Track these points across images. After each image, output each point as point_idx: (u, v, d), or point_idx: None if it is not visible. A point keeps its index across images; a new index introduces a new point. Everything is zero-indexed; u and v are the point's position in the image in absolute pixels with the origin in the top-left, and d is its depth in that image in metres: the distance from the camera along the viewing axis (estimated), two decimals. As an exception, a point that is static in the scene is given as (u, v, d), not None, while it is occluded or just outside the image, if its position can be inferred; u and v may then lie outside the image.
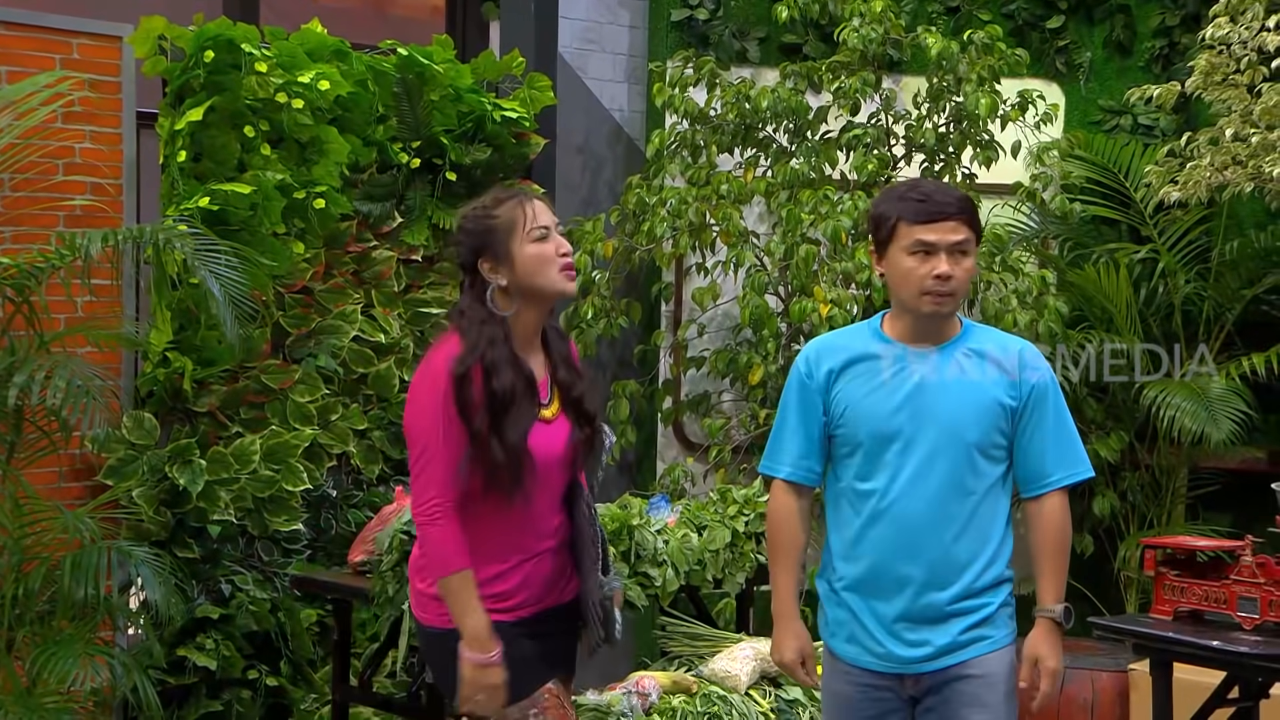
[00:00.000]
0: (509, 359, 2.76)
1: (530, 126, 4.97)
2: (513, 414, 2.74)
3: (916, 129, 5.30)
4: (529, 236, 2.77)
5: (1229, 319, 5.50)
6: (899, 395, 2.81)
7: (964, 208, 2.78)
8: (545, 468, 2.80)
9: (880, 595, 2.84)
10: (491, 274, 2.78)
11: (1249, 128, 4.91)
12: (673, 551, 4.31)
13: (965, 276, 2.78)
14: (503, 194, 2.84)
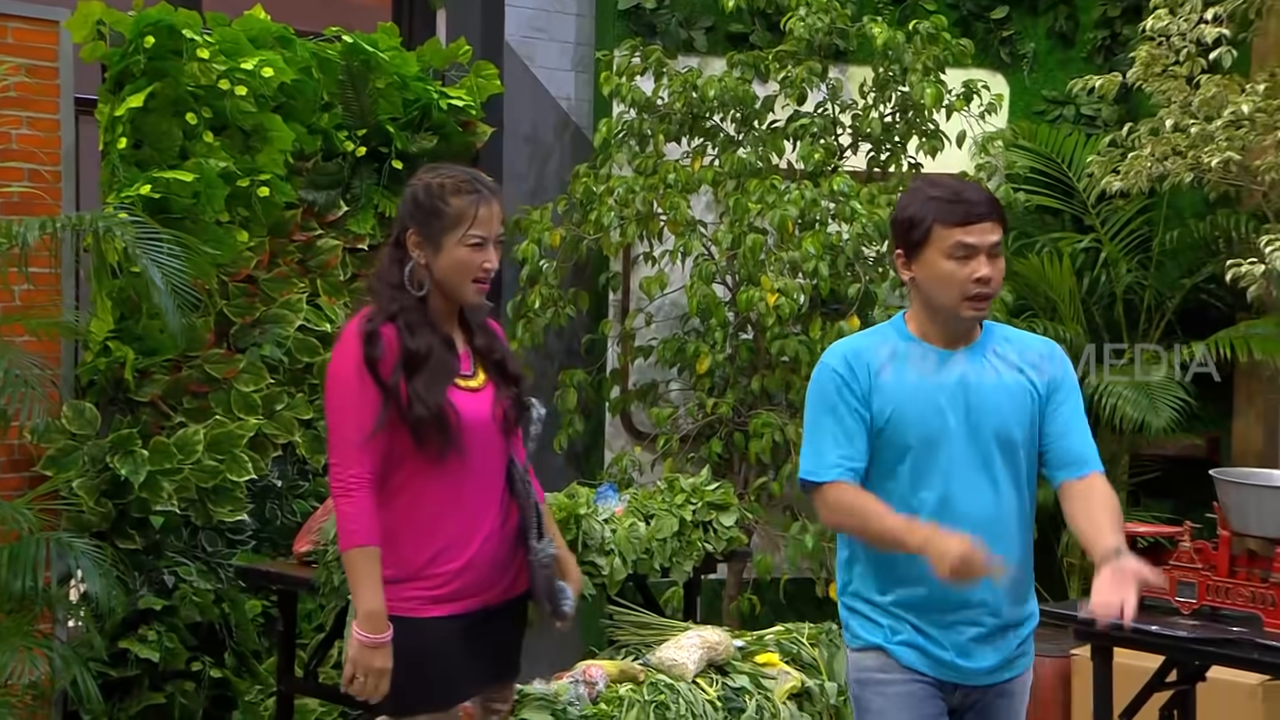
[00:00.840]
0: (423, 321, 2.75)
1: (477, 115, 4.94)
2: (429, 371, 2.72)
3: (863, 118, 5.30)
4: (465, 240, 2.75)
5: (1169, 308, 5.55)
6: (943, 396, 2.68)
7: (995, 207, 2.68)
8: (475, 433, 2.76)
9: (948, 616, 2.69)
10: (415, 250, 2.77)
11: (1188, 119, 4.95)
12: (620, 540, 4.31)
13: (1000, 278, 2.68)
14: (467, 182, 2.78)
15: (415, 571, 2.76)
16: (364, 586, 2.69)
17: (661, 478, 4.80)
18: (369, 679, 2.71)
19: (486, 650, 2.85)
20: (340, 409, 2.71)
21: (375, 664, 2.71)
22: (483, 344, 2.85)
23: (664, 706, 3.90)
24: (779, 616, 4.89)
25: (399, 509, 2.74)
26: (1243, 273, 4.76)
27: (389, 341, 2.71)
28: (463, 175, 2.80)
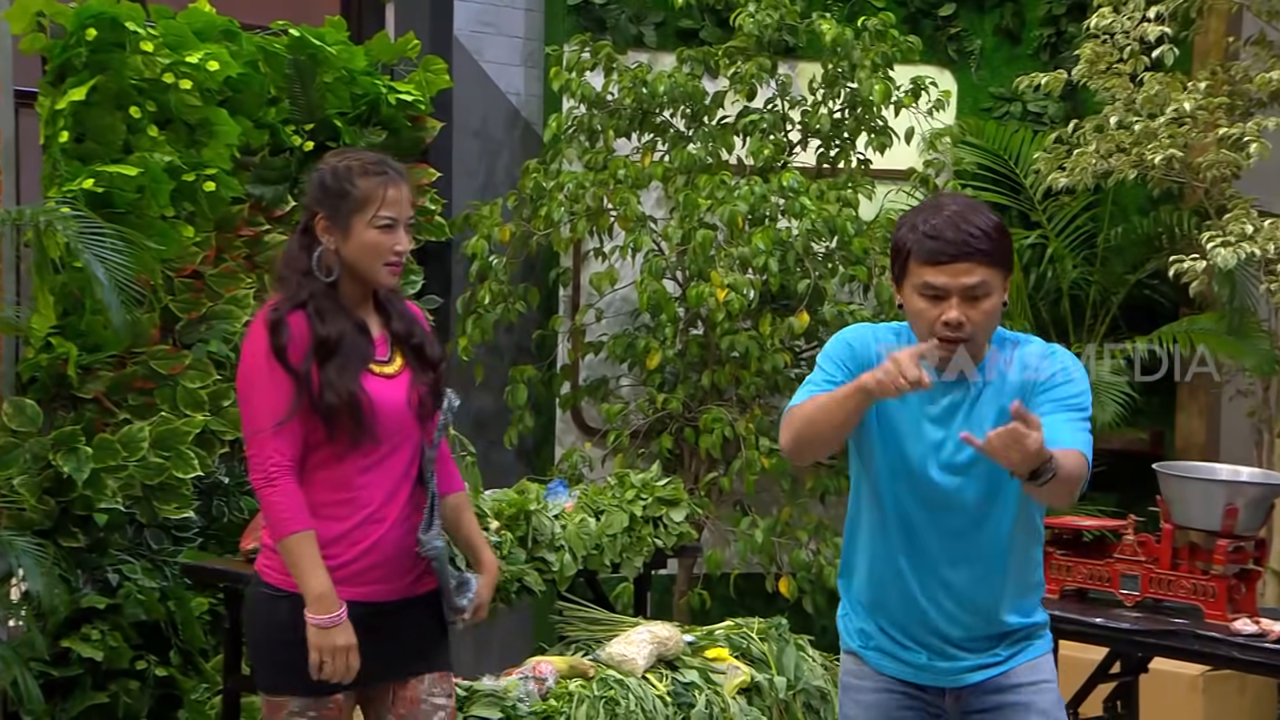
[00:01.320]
0: (335, 308, 2.71)
1: (426, 110, 4.91)
2: (340, 358, 2.68)
3: (812, 114, 5.31)
4: (374, 221, 2.71)
5: (1114, 303, 5.59)
6: (929, 421, 2.55)
7: (979, 246, 2.45)
8: (388, 419, 2.72)
9: (919, 629, 2.64)
10: (324, 234, 2.73)
11: (1132, 116, 4.99)
12: (570, 536, 4.31)
13: (984, 319, 2.48)
14: (374, 164, 2.74)
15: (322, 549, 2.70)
16: (306, 571, 2.66)
17: (612, 473, 4.79)
18: (336, 659, 2.67)
19: (383, 645, 2.77)
20: (251, 399, 2.68)
21: (338, 642, 2.67)
22: (401, 328, 2.81)
23: (614, 702, 3.89)
24: (729, 611, 4.89)
25: (309, 493, 2.71)
26: (1185, 269, 4.81)
27: (298, 329, 2.67)
28: (370, 158, 2.77)
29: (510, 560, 4.14)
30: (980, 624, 2.64)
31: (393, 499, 2.76)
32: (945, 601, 2.62)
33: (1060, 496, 2.48)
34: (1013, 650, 2.65)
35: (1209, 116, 4.92)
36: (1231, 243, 4.67)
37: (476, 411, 5.41)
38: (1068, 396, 2.54)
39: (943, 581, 2.61)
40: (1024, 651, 2.66)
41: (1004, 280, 2.52)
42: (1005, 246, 2.51)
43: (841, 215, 5.06)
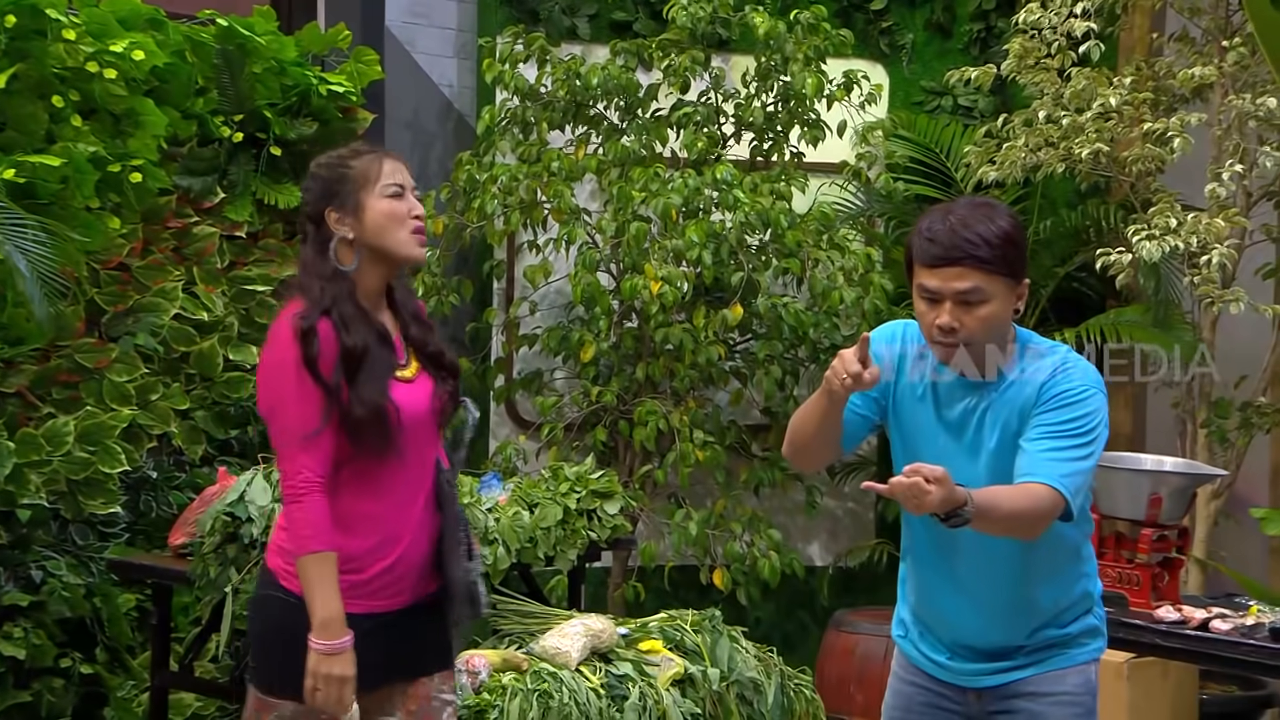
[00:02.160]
0: (358, 314, 2.60)
1: (357, 101, 4.86)
2: (368, 369, 2.58)
3: (745, 107, 5.30)
4: (382, 191, 2.61)
5: (1044, 296, 5.64)
6: (943, 432, 2.54)
7: (975, 252, 2.42)
8: (412, 428, 2.62)
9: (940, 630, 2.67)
10: (338, 225, 2.61)
11: (1060, 110, 5.03)
12: (504, 529, 4.29)
13: (979, 325, 2.44)
14: (361, 147, 2.69)
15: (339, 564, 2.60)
16: (319, 593, 2.55)
17: (546, 466, 4.76)
18: (330, 689, 2.55)
19: (392, 647, 2.69)
20: (281, 411, 2.57)
21: (335, 671, 2.55)
22: (417, 335, 2.71)
23: (547, 695, 3.88)
24: (663, 604, 4.89)
25: (336, 505, 2.60)
26: (1112, 261, 4.85)
27: (326, 339, 2.56)
28: (351, 144, 2.73)
29: (443, 554, 4.12)
30: (1006, 637, 2.61)
31: (408, 512, 2.65)
32: (969, 615, 2.61)
33: (1008, 533, 2.47)
34: (1038, 658, 2.62)
35: (1134, 112, 4.97)
36: (1156, 236, 4.72)
37: (410, 405, 5.36)
38: (1062, 422, 2.48)
39: (967, 594, 2.60)
40: (1052, 660, 2.62)
41: (1010, 288, 2.48)
42: (1010, 254, 2.46)
43: (775, 208, 5.07)
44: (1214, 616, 3.43)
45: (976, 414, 2.54)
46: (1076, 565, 2.64)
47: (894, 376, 2.59)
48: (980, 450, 2.54)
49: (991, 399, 2.54)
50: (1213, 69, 4.87)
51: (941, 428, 2.56)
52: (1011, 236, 2.49)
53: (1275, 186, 5.06)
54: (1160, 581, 3.59)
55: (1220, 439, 5.05)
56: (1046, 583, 2.60)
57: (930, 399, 2.57)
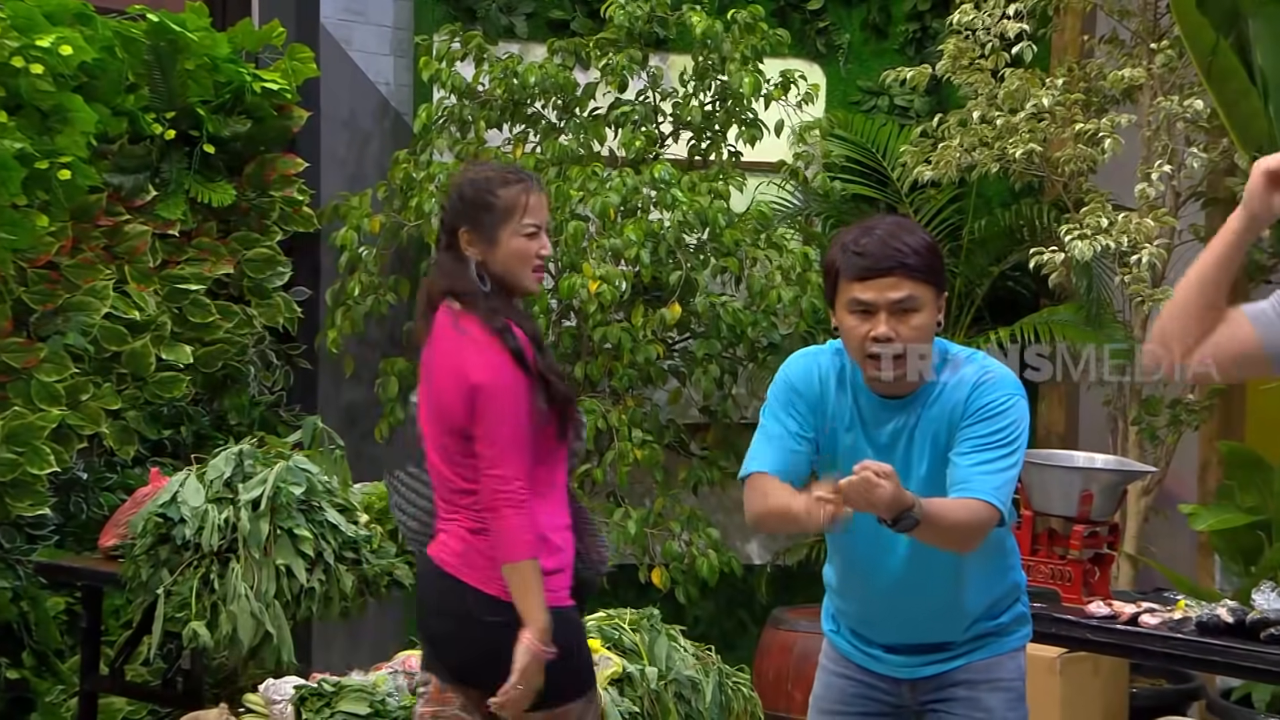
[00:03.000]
0: (513, 313, 2.75)
1: (292, 99, 4.81)
2: (545, 352, 2.74)
3: (683, 106, 5.30)
4: (519, 230, 2.73)
5: (979, 295, 5.67)
6: (871, 453, 2.54)
7: (906, 261, 2.45)
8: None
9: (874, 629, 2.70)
10: (468, 247, 2.73)
11: (994, 111, 5.06)
12: None
13: (914, 335, 2.47)
14: (511, 175, 2.77)
15: (567, 562, 2.73)
16: (535, 598, 2.64)
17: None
18: (527, 689, 2.65)
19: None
20: (505, 418, 2.64)
21: (537, 679, 2.65)
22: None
23: (483, 695, 3.85)
24: (601, 603, 4.87)
25: (540, 518, 2.69)
26: (1045, 260, 4.89)
27: (519, 333, 2.69)
28: (506, 167, 2.83)
29: (380, 554, 4.09)
30: (942, 635, 2.64)
31: (566, 514, 2.79)
32: (904, 619, 2.63)
33: (948, 544, 2.50)
34: (973, 647, 2.65)
35: (1066, 112, 5.01)
36: (1088, 235, 4.76)
37: (347, 404, 5.32)
38: (990, 434, 2.51)
39: (901, 599, 2.62)
40: (985, 648, 2.65)
41: (936, 298, 2.52)
42: (935, 264, 2.52)
43: (713, 207, 5.06)
44: (1143, 611, 3.46)
45: (905, 433, 2.57)
46: (1004, 559, 2.68)
47: (822, 410, 2.60)
48: (911, 468, 2.56)
49: (919, 415, 2.56)
50: (1142, 71, 4.92)
51: (872, 451, 2.56)
52: (934, 248, 2.56)
53: (1202, 187, 5.11)
54: (1091, 577, 3.61)
55: (1150, 436, 5.10)
56: (979, 581, 2.63)
57: (858, 424, 2.58)
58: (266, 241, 4.84)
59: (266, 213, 4.85)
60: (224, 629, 3.69)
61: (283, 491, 3.85)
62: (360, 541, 4.03)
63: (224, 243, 4.77)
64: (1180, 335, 1.96)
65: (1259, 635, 3.27)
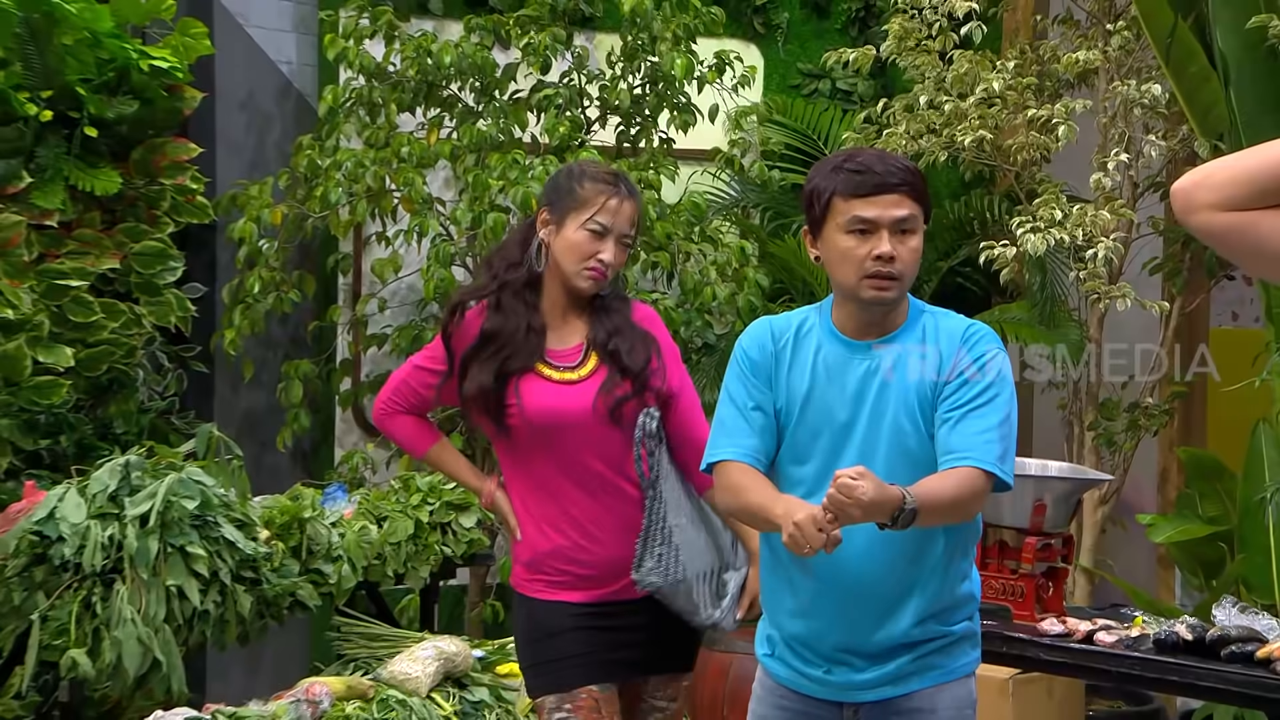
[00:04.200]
0: (520, 304, 2.98)
1: (184, 78, 4.74)
2: (493, 350, 2.95)
3: (611, 90, 5.30)
4: (586, 224, 2.94)
5: (927, 291, 5.70)
6: (840, 398, 2.59)
7: (908, 179, 2.57)
8: (562, 428, 2.94)
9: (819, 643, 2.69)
10: (542, 226, 3.00)
11: (942, 95, 5.09)
12: (349, 545, 4.26)
13: (912, 258, 2.57)
14: (608, 174, 3.00)
15: (541, 555, 3.00)
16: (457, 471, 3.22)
17: (396, 476, 4.74)
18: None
19: (615, 641, 2.99)
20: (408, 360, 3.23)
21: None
22: (600, 335, 3.00)
23: (394, 725, 3.84)
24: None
25: (512, 493, 3.05)
26: (996, 255, 4.92)
27: (471, 321, 3.00)
28: (609, 170, 3.05)
29: (282, 573, 4.08)
30: (894, 628, 2.63)
31: (605, 514, 2.98)
32: (849, 619, 2.63)
33: (948, 519, 2.56)
34: (918, 668, 2.64)
35: (1018, 97, 5.05)
36: (1041, 228, 4.80)
37: (246, 411, 5.29)
38: (978, 395, 2.55)
39: (846, 596, 2.62)
40: (932, 673, 2.65)
41: (924, 225, 2.63)
42: (925, 187, 2.63)
43: (643, 198, 5.04)
44: (1099, 629, 3.48)
45: (876, 377, 2.60)
46: (964, 563, 2.69)
47: (780, 375, 2.65)
48: (885, 415, 2.58)
49: (894, 356, 2.60)
50: (1097, 53, 4.97)
51: (840, 402, 2.60)
52: (920, 171, 2.66)
53: (1161, 177, 5.17)
54: (1045, 592, 3.63)
55: (1107, 442, 5.15)
56: (934, 567, 2.63)
57: (823, 377, 2.62)
58: (156, 234, 4.77)
59: (156, 202, 4.79)
60: (107, 657, 3.64)
61: (174, 506, 3.82)
62: (260, 560, 4.01)
63: (109, 235, 4.69)
64: (1221, 188, 1.99)
65: (1220, 653, 3.29)
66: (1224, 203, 1.98)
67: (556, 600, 2.99)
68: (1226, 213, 1.98)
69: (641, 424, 2.94)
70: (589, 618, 2.97)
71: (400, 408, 3.11)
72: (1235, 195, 1.98)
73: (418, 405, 3.11)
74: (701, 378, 5.29)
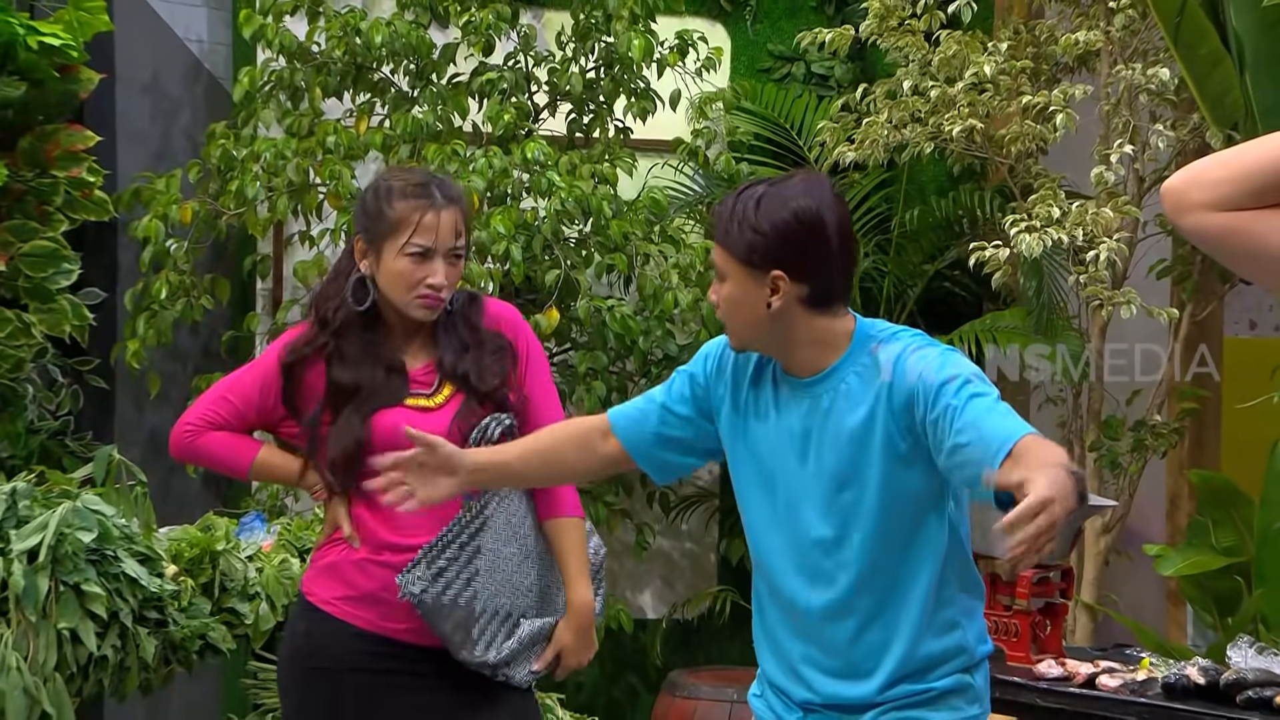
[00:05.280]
0: (359, 349, 2.99)
1: (79, 58, 4.71)
2: (359, 407, 2.96)
3: (561, 74, 5.30)
4: (405, 249, 2.94)
5: (911, 297, 5.71)
6: (781, 443, 2.65)
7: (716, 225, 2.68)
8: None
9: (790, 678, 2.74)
10: (360, 259, 3.00)
11: (927, 81, 5.11)
12: (268, 581, 4.22)
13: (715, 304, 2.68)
14: (417, 187, 2.98)
15: (363, 592, 3.01)
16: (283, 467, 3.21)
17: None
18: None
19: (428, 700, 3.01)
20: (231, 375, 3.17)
21: None
22: (449, 360, 3.02)
23: (317, 784, 3.80)
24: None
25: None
26: (987, 257, 4.93)
27: (313, 380, 3.01)
28: (418, 178, 3.02)
29: (191, 614, 4.03)
30: (855, 683, 2.64)
31: (421, 535, 2.97)
32: (809, 658, 2.66)
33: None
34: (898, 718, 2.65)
35: (1011, 83, 5.06)
36: (1037, 228, 4.81)
37: (151, 431, 5.24)
38: (958, 390, 2.50)
39: (811, 632, 2.66)
40: None
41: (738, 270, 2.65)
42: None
43: (597, 193, 5.07)
44: (1101, 671, 3.50)
45: (817, 416, 2.63)
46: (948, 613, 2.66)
47: (718, 394, 2.70)
48: (823, 462, 2.61)
49: (831, 398, 2.62)
50: (1099, 34, 4.98)
51: (785, 442, 2.64)
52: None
53: (1169, 171, 5.18)
54: (1042, 631, 3.64)
55: (1111, 464, 5.16)
56: (916, 613, 2.63)
57: (772, 412, 2.66)
58: (48, 232, 4.74)
59: (48, 197, 4.76)
60: (-12, 710, 3.58)
61: (67, 539, 3.77)
62: (166, 598, 3.98)
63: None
64: (1217, 185, 1.99)
65: (1235, 699, 3.32)
66: (1220, 202, 1.99)
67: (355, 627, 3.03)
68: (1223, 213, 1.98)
69: (484, 426, 2.97)
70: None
71: (215, 425, 3.08)
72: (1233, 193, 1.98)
73: (235, 424, 3.09)
74: (662, 393, 5.27)
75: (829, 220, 2.59)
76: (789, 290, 2.58)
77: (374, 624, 2.97)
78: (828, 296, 2.61)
